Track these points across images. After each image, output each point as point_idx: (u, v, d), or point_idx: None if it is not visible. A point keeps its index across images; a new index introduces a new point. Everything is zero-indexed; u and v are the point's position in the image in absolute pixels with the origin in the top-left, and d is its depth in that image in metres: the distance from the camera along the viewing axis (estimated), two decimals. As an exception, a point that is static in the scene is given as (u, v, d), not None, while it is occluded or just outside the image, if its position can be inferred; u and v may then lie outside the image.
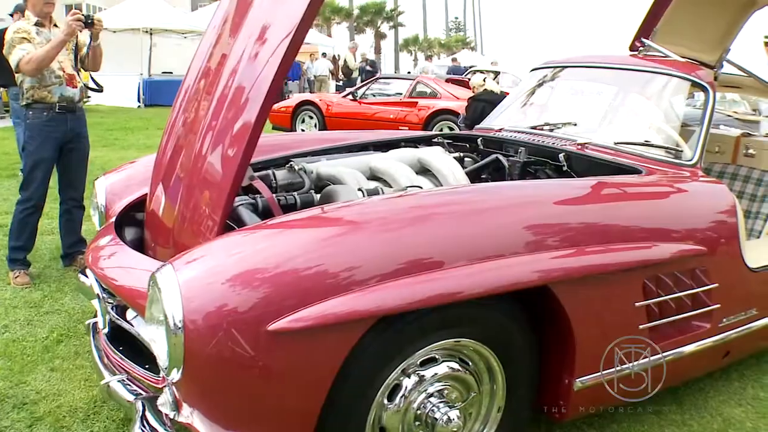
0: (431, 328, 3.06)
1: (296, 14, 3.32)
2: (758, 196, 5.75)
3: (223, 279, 2.74)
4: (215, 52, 4.05)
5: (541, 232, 3.30)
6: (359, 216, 3.17)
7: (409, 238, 3.01)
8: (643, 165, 4.37)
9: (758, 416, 4.40)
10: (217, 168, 3.54)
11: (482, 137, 5.39)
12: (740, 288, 4.27)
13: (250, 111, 3.41)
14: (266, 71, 3.42)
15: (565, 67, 5.84)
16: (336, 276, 2.76)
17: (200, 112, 3.89)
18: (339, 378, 2.81)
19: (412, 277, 2.84)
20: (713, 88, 4.75)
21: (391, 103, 17.64)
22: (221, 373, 2.70)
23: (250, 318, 2.64)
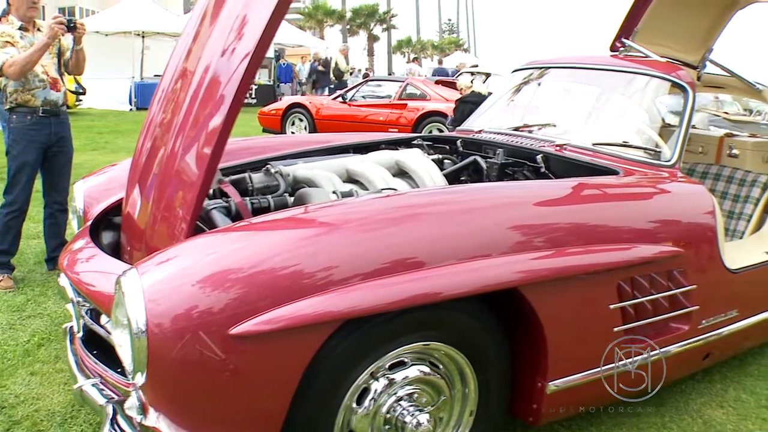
0: (399, 331, 3.04)
1: (264, 15, 3.29)
2: (741, 196, 5.73)
3: (189, 281, 2.73)
4: (191, 52, 4.02)
5: (513, 234, 3.29)
6: (330, 217, 3.16)
7: (384, 240, 3.00)
8: (620, 166, 4.34)
9: (739, 418, 4.38)
10: (187, 169, 3.51)
11: (462, 139, 5.37)
12: (720, 289, 4.25)
13: (218, 112, 3.38)
14: (234, 72, 3.39)
15: (546, 68, 5.82)
16: (305, 277, 2.75)
17: (174, 112, 3.87)
18: (305, 381, 2.80)
19: (377, 279, 2.82)
20: (693, 88, 4.72)
21: (381, 105, 17.69)
22: (186, 377, 2.68)
23: (215, 321, 2.63)
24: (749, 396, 4.68)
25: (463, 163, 4.87)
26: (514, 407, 3.60)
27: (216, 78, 3.57)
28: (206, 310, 2.63)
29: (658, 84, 4.94)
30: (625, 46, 5.74)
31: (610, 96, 5.40)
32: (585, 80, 5.64)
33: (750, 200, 5.69)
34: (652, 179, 4.27)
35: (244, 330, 2.61)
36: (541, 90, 5.79)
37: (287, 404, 2.80)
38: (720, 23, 5.92)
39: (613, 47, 5.85)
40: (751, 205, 5.67)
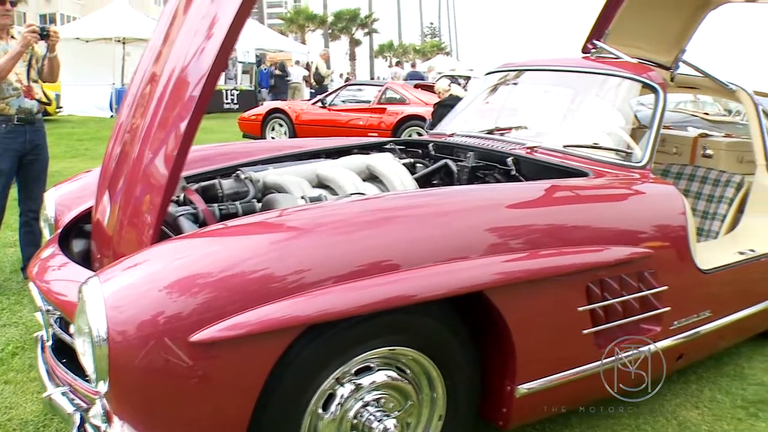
0: (364, 336, 3.02)
1: (229, 14, 3.27)
2: (715, 196, 5.74)
3: (154, 287, 2.71)
4: (161, 55, 3.99)
5: (479, 238, 3.27)
6: (300, 221, 3.15)
7: (356, 243, 3.00)
8: (591, 168, 4.33)
9: (715, 419, 4.38)
10: (152, 173, 3.49)
11: (434, 143, 5.35)
12: (691, 290, 4.24)
13: (183, 114, 3.35)
14: (199, 73, 3.37)
15: (518, 70, 5.81)
16: (274, 281, 2.75)
17: (142, 116, 3.84)
18: (269, 386, 2.78)
19: (341, 284, 2.81)
20: (664, 89, 4.73)
21: (361, 109, 17.69)
22: (150, 384, 2.66)
23: (179, 328, 2.61)
24: (725, 396, 4.68)
25: (434, 167, 4.86)
26: (484, 411, 3.58)
27: (181, 80, 3.54)
28: (171, 317, 2.62)
29: (629, 85, 4.93)
30: (596, 48, 5.75)
31: (581, 98, 5.41)
32: (557, 82, 5.65)
33: (724, 200, 5.70)
34: (622, 180, 4.27)
35: (207, 336, 2.59)
36: (514, 92, 5.79)
37: (250, 410, 2.78)
38: (692, 24, 5.93)
39: (585, 49, 5.86)
40: (725, 205, 5.68)
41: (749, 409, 4.52)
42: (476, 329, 3.39)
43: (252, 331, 2.64)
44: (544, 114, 5.55)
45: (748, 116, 5.72)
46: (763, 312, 5.02)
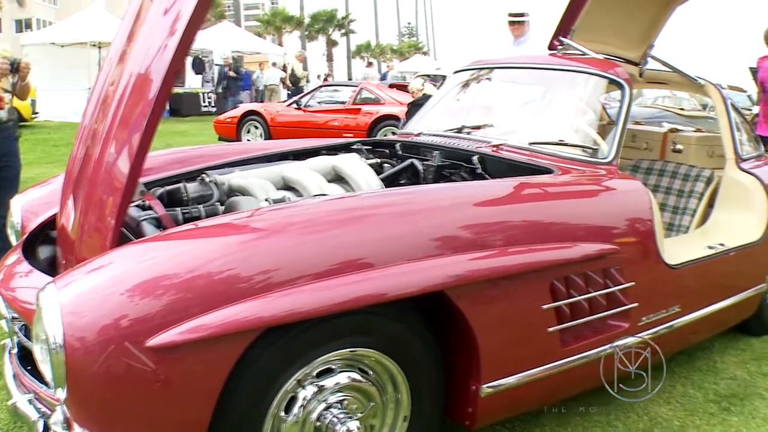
0: (324, 338, 3.01)
1: (184, 18, 3.23)
2: (685, 191, 5.75)
3: (112, 291, 2.69)
4: (124, 54, 3.94)
5: (440, 236, 3.24)
6: (263, 222, 3.14)
7: (322, 244, 2.98)
8: (557, 165, 4.31)
9: (686, 414, 4.38)
10: (111, 175, 3.43)
11: (401, 142, 5.33)
12: (659, 285, 4.23)
13: (140, 115, 3.30)
14: (156, 74, 3.32)
15: (485, 68, 5.80)
16: (236, 282, 2.74)
17: (104, 117, 3.80)
18: (229, 389, 2.77)
19: (298, 286, 2.79)
20: (630, 85, 4.73)
21: (336, 110, 17.74)
22: (107, 391, 2.64)
23: (135, 333, 2.59)
24: (697, 391, 4.69)
25: (400, 167, 4.83)
26: (450, 411, 3.55)
27: (140, 79, 3.48)
28: (131, 321, 2.60)
29: (595, 81, 4.92)
30: (563, 45, 5.74)
31: (547, 95, 5.40)
32: (524, 80, 5.65)
33: (694, 195, 5.71)
34: (588, 177, 4.26)
35: (164, 341, 2.58)
36: (481, 90, 5.76)
37: (210, 414, 2.76)
38: (660, 19, 5.92)
39: (552, 46, 5.84)
40: (695, 199, 5.69)
41: (721, 404, 4.53)
42: (441, 328, 3.38)
43: (209, 335, 2.62)
44: (511, 111, 5.54)
45: (716, 111, 5.73)
46: (734, 305, 5.04)
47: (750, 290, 5.21)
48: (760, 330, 5.69)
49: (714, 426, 4.26)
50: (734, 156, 5.51)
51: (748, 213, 5.35)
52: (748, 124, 6.30)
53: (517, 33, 8.98)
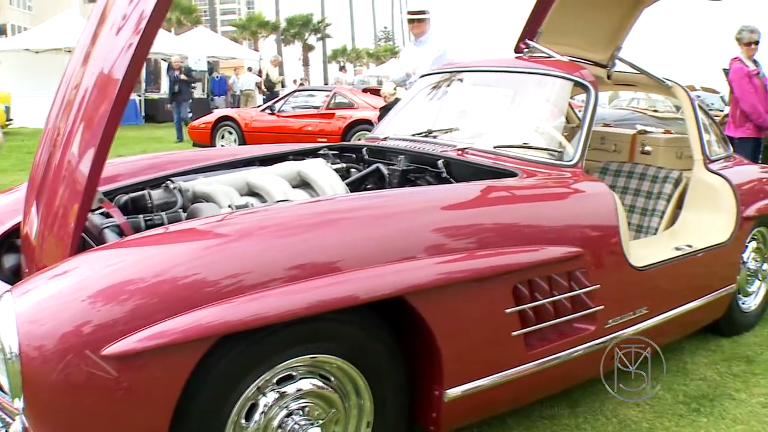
0: (284, 345, 2.98)
1: (145, 17, 3.19)
2: (654, 193, 5.75)
3: (69, 300, 2.66)
4: (87, 57, 3.89)
5: (401, 241, 3.23)
6: (227, 228, 3.12)
7: (282, 249, 2.97)
8: (521, 168, 4.29)
9: (656, 416, 4.37)
10: (70, 181, 3.40)
11: (367, 147, 5.31)
12: (625, 288, 4.23)
13: (100, 118, 3.27)
14: (115, 76, 3.27)
15: (452, 72, 5.79)
16: (190, 289, 2.71)
17: (65, 122, 3.76)
18: (187, 397, 2.74)
19: (252, 293, 2.77)
20: (595, 87, 4.73)
21: (309, 115, 17.79)
22: (64, 400, 2.60)
23: (92, 341, 2.56)
24: (666, 392, 4.67)
25: (366, 172, 4.81)
26: (415, 416, 3.53)
27: (100, 81, 3.44)
28: (90, 329, 2.57)
29: (561, 84, 4.92)
30: (529, 47, 5.73)
31: (513, 98, 5.40)
32: (490, 83, 5.64)
33: (662, 196, 5.71)
34: (553, 180, 4.25)
35: (123, 348, 2.55)
36: (448, 94, 5.75)
37: (167, 423, 2.73)
38: (628, 21, 5.94)
39: (518, 49, 5.84)
40: (664, 201, 5.69)
41: (691, 405, 4.52)
42: (404, 333, 3.36)
43: (171, 341, 2.60)
44: (477, 115, 5.52)
45: (684, 112, 5.74)
46: (704, 306, 5.05)
47: (719, 291, 5.22)
48: (730, 331, 5.70)
49: (683, 427, 4.25)
50: (702, 157, 5.52)
51: (717, 214, 5.36)
52: (716, 126, 6.31)
53: (417, 32, 9.07)
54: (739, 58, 9.10)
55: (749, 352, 5.41)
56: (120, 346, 2.55)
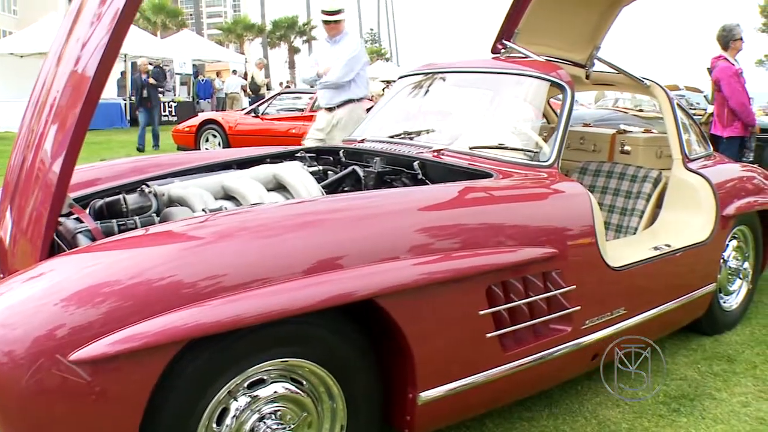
0: (254, 349, 2.96)
1: (116, 15, 3.15)
2: (633, 192, 5.75)
3: (42, 304, 2.63)
4: (60, 58, 3.85)
5: (378, 243, 3.23)
6: (201, 230, 3.08)
7: (256, 252, 2.95)
8: (496, 169, 4.27)
9: (635, 416, 4.36)
10: (41, 183, 3.38)
11: (344, 149, 5.29)
12: (602, 288, 4.22)
13: (71, 117, 3.24)
14: (86, 75, 3.24)
15: (429, 73, 5.76)
16: (161, 293, 2.69)
17: (37, 123, 3.73)
18: (157, 402, 2.72)
19: (219, 298, 2.74)
20: (572, 87, 4.71)
21: (293, 117, 17.74)
22: (35, 405, 2.56)
23: (60, 346, 2.53)
24: (646, 392, 4.66)
25: (342, 174, 4.79)
26: (390, 418, 3.52)
27: (73, 79, 3.42)
28: (61, 333, 2.54)
29: (537, 84, 4.91)
30: (506, 48, 5.72)
31: (490, 98, 5.39)
32: (467, 84, 5.62)
33: (642, 196, 5.70)
34: (528, 180, 4.23)
35: (90, 353, 2.52)
36: (425, 95, 5.73)
37: (136, 428, 2.70)
38: (606, 21, 5.93)
39: (495, 49, 5.83)
40: (643, 200, 5.69)
41: (671, 405, 4.51)
42: (378, 336, 3.35)
43: (136, 347, 2.57)
44: (454, 116, 5.50)
45: (662, 111, 5.74)
46: (684, 306, 5.04)
47: (700, 290, 5.21)
48: (712, 330, 5.70)
49: (663, 428, 4.24)
50: (681, 156, 5.52)
51: (696, 213, 5.35)
52: (697, 125, 6.30)
53: (333, 32, 8.83)
54: (723, 57, 9.10)
55: (731, 351, 5.41)
56: (91, 350, 2.52)
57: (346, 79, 8.56)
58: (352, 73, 8.59)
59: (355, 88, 8.69)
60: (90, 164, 5.02)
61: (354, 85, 8.68)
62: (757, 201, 5.80)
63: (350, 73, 8.57)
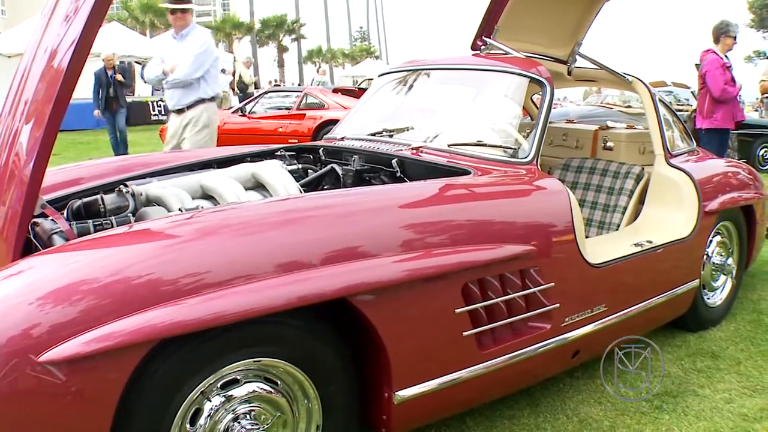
0: (227, 349, 2.94)
1: (84, 16, 3.12)
2: (616, 189, 5.73)
3: (16, 303, 2.61)
4: (35, 53, 3.82)
5: (357, 241, 3.21)
6: (172, 229, 3.08)
7: (230, 250, 2.91)
8: (475, 166, 4.25)
9: (617, 414, 4.34)
10: (14, 181, 3.36)
11: (324, 147, 5.27)
12: (581, 285, 4.20)
13: (43, 112, 3.22)
14: (54, 83, 3.22)
15: (408, 70, 5.74)
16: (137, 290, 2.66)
17: (12, 120, 3.70)
18: (129, 402, 2.70)
19: (188, 298, 2.72)
20: (551, 83, 4.69)
21: (280, 116, 17.75)
22: (7, 407, 2.53)
23: (34, 346, 2.51)
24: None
25: (321, 172, 4.77)
26: (367, 417, 3.50)
27: (45, 75, 3.40)
28: (36, 333, 2.52)
29: (517, 81, 4.89)
30: (486, 44, 5.69)
31: (470, 95, 5.37)
32: (447, 81, 5.60)
33: (624, 192, 5.68)
34: (506, 177, 4.21)
35: (64, 353, 2.50)
36: (404, 93, 5.70)
37: (108, 428, 2.67)
38: (587, 17, 5.90)
39: (474, 46, 5.79)
40: (626, 197, 5.67)
41: (654, 402, 4.50)
42: (353, 335, 3.33)
43: (110, 346, 2.55)
44: (433, 114, 5.48)
45: (644, 106, 5.73)
46: (667, 302, 5.03)
47: (683, 286, 5.20)
48: (696, 326, 5.69)
49: (645, 425, 4.22)
50: (663, 152, 5.50)
51: (678, 209, 5.33)
52: (680, 121, 6.29)
53: (179, 24, 8.14)
54: (712, 50, 9.12)
55: (714, 347, 5.40)
56: (66, 349, 2.50)
57: (196, 75, 7.96)
58: (202, 70, 8.01)
59: (205, 86, 8.10)
60: (75, 163, 4.99)
61: (204, 83, 8.09)
62: (740, 196, 5.79)
63: (200, 69, 7.98)
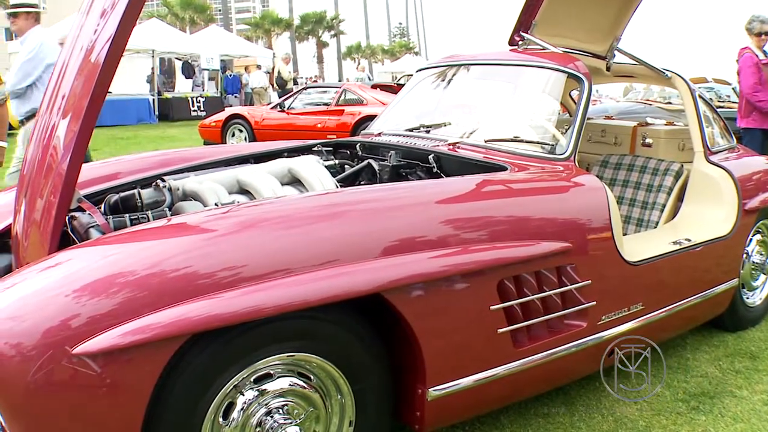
0: (261, 343, 2.94)
1: (120, 12, 3.14)
2: (654, 186, 5.67)
3: (53, 295, 2.63)
4: (73, 47, 3.84)
5: (379, 238, 3.18)
6: (209, 224, 3.07)
7: (268, 245, 2.94)
8: (512, 162, 4.23)
9: (653, 414, 4.30)
10: (51, 175, 3.39)
11: (361, 143, 5.26)
12: (618, 283, 4.16)
13: (80, 108, 3.23)
14: (90, 77, 3.23)
15: (446, 66, 5.72)
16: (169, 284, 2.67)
17: (50, 116, 3.72)
18: (161, 396, 2.71)
19: (224, 292, 2.72)
20: (589, 79, 4.65)
21: (319, 112, 17.74)
22: (38, 400, 2.54)
23: (69, 338, 2.51)
24: (665, 389, 4.61)
25: (357, 168, 4.76)
26: (400, 414, 3.49)
27: (82, 71, 3.41)
28: (73, 325, 2.53)
29: (555, 76, 4.85)
30: (524, 40, 5.66)
31: (508, 91, 5.35)
32: (484, 77, 5.57)
33: (663, 189, 5.62)
34: (544, 173, 4.18)
35: (98, 345, 2.51)
36: (441, 89, 5.69)
37: (140, 422, 2.67)
38: (626, 12, 5.84)
39: (512, 41, 5.76)
40: (664, 194, 5.61)
41: (690, 402, 4.45)
42: (388, 330, 3.32)
43: (146, 338, 2.56)
44: (470, 109, 5.45)
45: (684, 103, 5.66)
46: (705, 302, 4.97)
47: (721, 285, 5.14)
48: (735, 326, 5.63)
49: (681, 426, 4.18)
50: (703, 149, 5.44)
51: (718, 207, 5.27)
52: (720, 118, 6.22)
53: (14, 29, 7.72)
54: (749, 48, 9.03)
55: (753, 347, 5.34)
56: (101, 341, 2.51)
57: (21, 85, 7.39)
58: (30, 78, 7.41)
59: (38, 95, 7.28)
60: (116, 158, 5.03)
61: (37, 92, 7.38)
62: (782, 194, 5.69)
63: (27, 78, 7.40)
